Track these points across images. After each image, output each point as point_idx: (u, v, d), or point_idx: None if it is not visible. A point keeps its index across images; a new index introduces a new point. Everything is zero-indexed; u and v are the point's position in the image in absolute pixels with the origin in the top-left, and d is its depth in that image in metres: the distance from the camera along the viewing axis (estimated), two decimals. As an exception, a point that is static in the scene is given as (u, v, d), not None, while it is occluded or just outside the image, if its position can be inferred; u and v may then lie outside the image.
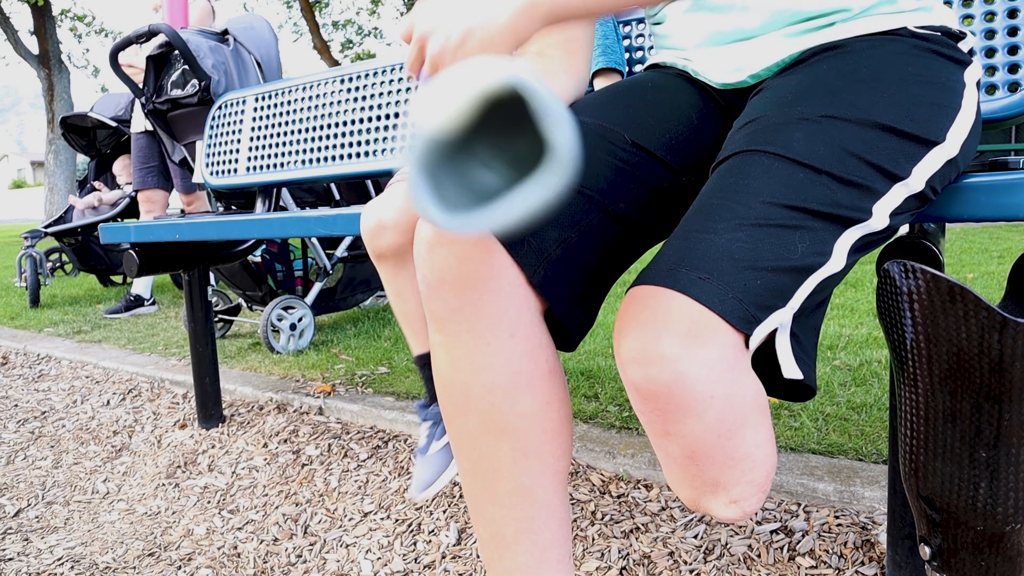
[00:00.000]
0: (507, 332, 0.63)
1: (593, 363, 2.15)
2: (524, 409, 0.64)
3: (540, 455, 0.65)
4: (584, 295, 0.68)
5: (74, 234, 4.12)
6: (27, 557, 1.29)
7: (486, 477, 0.66)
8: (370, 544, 1.26)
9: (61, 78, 10.56)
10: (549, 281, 0.64)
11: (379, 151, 1.86)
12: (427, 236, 0.63)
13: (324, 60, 12.79)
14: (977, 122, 0.69)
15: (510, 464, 0.64)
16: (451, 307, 0.62)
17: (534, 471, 0.65)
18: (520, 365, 0.63)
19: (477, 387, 0.63)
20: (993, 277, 3.35)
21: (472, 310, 0.62)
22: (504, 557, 0.67)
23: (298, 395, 2.05)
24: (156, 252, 1.79)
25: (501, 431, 0.64)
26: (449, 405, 0.66)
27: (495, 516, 0.66)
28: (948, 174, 0.65)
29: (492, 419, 0.64)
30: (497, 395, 0.63)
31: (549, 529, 0.66)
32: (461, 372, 0.64)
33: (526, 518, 0.65)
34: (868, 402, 1.67)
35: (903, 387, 0.67)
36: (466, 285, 0.61)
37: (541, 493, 0.65)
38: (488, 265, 0.61)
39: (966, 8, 1.06)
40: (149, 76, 2.62)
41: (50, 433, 1.96)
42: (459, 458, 0.68)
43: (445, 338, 0.64)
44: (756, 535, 1.19)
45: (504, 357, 0.63)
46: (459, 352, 0.63)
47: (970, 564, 0.67)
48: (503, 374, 0.63)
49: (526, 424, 0.64)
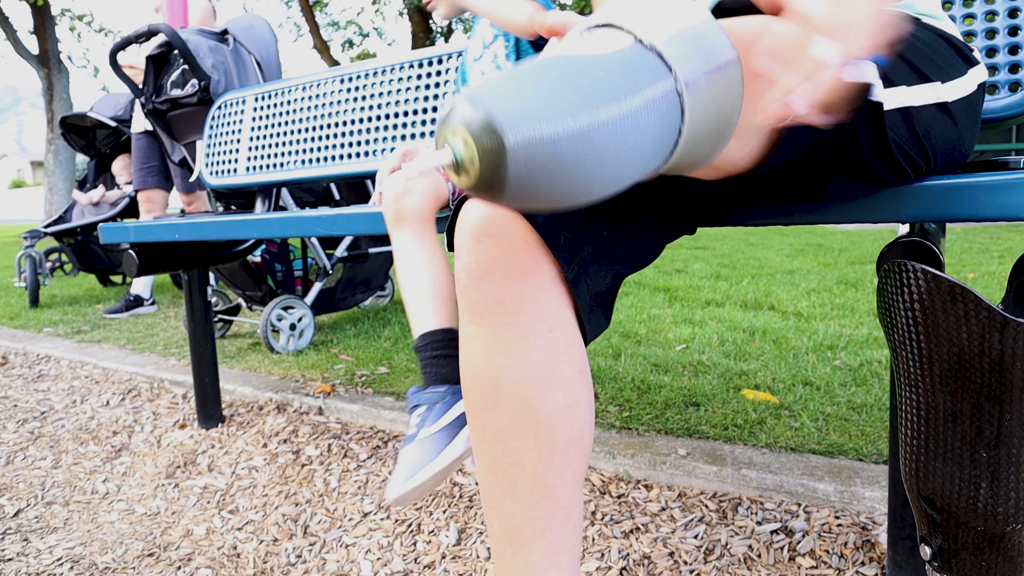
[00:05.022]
0: (546, 327, 0.63)
1: (593, 363, 2.14)
2: (554, 406, 0.64)
3: (565, 453, 0.65)
4: (604, 296, 0.68)
5: (74, 234, 4.12)
6: (26, 557, 1.29)
7: (507, 473, 0.65)
8: (370, 544, 1.26)
9: (61, 78, 10.56)
10: (580, 278, 0.64)
11: (379, 151, 1.86)
12: (473, 225, 0.62)
13: (324, 60, 12.79)
14: (977, 106, 0.71)
15: (535, 461, 0.64)
16: (493, 299, 0.62)
17: (558, 469, 0.65)
18: (555, 362, 0.63)
19: (510, 381, 0.63)
20: (993, 277, 3.35)
21: (514, 303, 0.62)
22: (517, 555, 0.66)
23: (298, 395, 2.05)
24: (156, 252, 1.78)
25: (529, 426, 0.64)
26: (476, 398, 0.66)
27: (513, 513, 0.66)
28: (934, 123, 0.66)
29: (521, 414, 0.64)
30: (530, 390, 0.63)
31: (565, 529, 0.66)
32: (495, 365, 0.64)
33: (544, 516, 0.65)
34: (868, 402, 1.67)
35: (903, 387, 0.67)
36: (510, 277, 0.61)
37: (561, 492, 0.65)
38: (533, 259, 0.62)
39: (967, 8, 1.06)
40: (149, 76, 2.62)
41: (49, 433, 1.96)
42: (479, 453, 0.68)
43: (482, 329, 0.64)
44: (756, 535, 1.19)
45: (542, 352, 0.63)
46: (495, 345, 0.63)
47: (971, 564, 0.67)
48: (539, 369, 0.63)
49: (555, 421, 0.64)
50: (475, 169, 0.42)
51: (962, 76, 0.70)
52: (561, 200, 0.44)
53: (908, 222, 0.73)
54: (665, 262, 4.48)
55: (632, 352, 2.26)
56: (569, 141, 0.42)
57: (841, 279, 3.47)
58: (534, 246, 0.62)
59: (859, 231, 6.10)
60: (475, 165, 0.42)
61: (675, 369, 2.05)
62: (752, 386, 1.85)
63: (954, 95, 0.68)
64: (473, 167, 0.42)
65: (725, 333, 2.47)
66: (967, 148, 0.74)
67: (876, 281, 0.64)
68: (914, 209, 0.69)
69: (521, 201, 0.44)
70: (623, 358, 2.19)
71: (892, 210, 0.70)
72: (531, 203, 0.44)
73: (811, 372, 1.93)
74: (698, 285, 3.50)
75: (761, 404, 1.71)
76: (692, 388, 1.85)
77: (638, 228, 0.69)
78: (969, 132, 0.73)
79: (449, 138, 0.43)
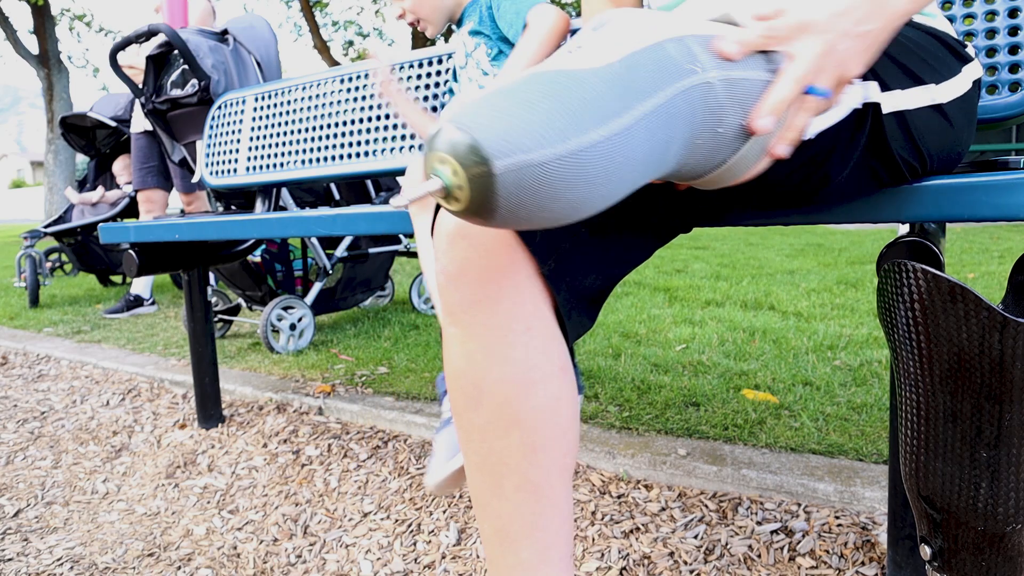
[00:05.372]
0: (523, 326, 0.63)
1: (593, 363, 2.14)
2: (536, 403, 0.64)
3: (549, 450, 0.65)
4: (589, 295, 0.68)
5: (74, 234, 4.12)
6: (26, 557, 1.29)
7: (493, 472, 0.66)
8: (370, 544, 1.26)
9: (60, 78, 10.56)
10: (557, 274, 0.64)
11: (379, 151, 1.86)
12: (448, 228, 0.63)
13: (324, 60, 12.79)
14: (972, 104, 0.71)
15: (519, 459, 0.64)
16: (470, 299, 0.63)
17: (543, 466, 0.65)
18: (535, 360, 0.63)
19: (491, 380, 0.63)
20: (993, 277, 3.35)
21: (490, 303, 0.62)
22: (507, 553, 0.67)
23: (298, 395, 2.05)
24: (156, 252, 1.78)
25: (512, 425, 0.64)
26: (460, 398, 0.66)
27: (500, 512, 0.66)
28: (930, 126, 0.67)
29: (504, 413, 0.64)
30: (511, 389, 0.63)
31: (554, 526, 0.66)
32: (475, 365, 0.64)
33: (532, 514, 0.65)
34: (868, 402, 1.67)
35: (903, 387, 0.67)
36: (486, 278, 0.62)
37: (548, 489, 0.65)
38: (509, 258, 0.62)
39: (967, 8, 1.06)
40: (149, 76, 2.62)
41: (49, 433, 1.96)
42: (467, 453, 0.68)
43: (460, 331, 0.64)
44: (756, 535, 1.19)
45: (520, 351, 0.63)
46: (474, 345, 0.64)
47: (971, 564, 0.67)
48: (518, 368, 0.63)
49: (537, 419, 0.64)
50: (464, 196, 0.42)
51: (956, 75, 0.70)
52: (553, 221, 0.44)
53: (908, 222, 0.73)
54: (665, 262, 4.48)
55: (632, 352, 2.26)
56: (558, 164, 0.41)
57: (841, 279, 3.47)
58: (510, 244, 0.62)
59: (859, 231, 6.10)
60: (464, 192, 0.42)
61: (675, 369, 2.05)
62: (752, 386, 1.85)
63: (949, 95, 0.68)
64: (463, 194, 0.42)
65: (725, 333, 2.47)
66: (963, 147, 0.75)
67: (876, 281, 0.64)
68: (914, 209, 0.69)
69: (512, 224, 0.43)
70: (623, 358, 2.19)
71: (892, 210, 0.70)
72: (523, 225, 0.44)
73: (811, 372, 1.93)
74: (698, 285, 3.50)
75: (761, 404, 1.71)
76: (692, 388, 1.85)
77: (622, 225, 0.69)
78: (965, 131, 0.73)
79: (437, 166, 0.42)
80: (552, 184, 0.41)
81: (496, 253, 0.61)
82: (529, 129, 0.41)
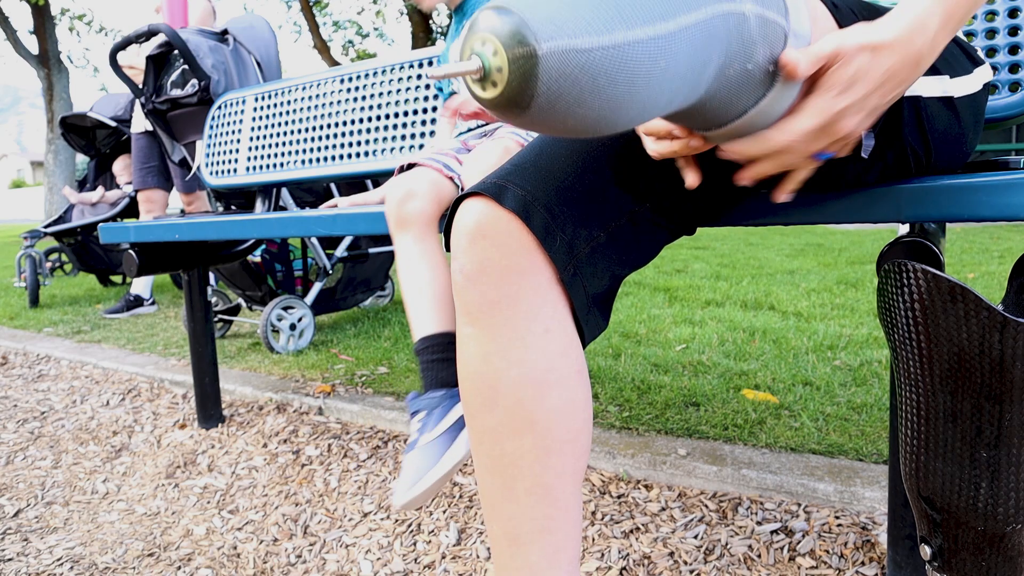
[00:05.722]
0: (542, 328, 0.63)
1: (593, 363, 2.14)
2: (552, 405, 0.64)
3: (562, 453, 0.65)
4: (602, 297, 0.68)
5: (74, 234, 4.12)
6: (26, 557, 1.29)
7: (505, 473, 0.65)
8: (370, 544, 1.26)
9: (61, 78, 10.56)
10: (576, 280, 0.65)
11: (379, 151, 1.86)
12: (469, 227, 0.63)
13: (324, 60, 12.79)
14: (981, 106, 0.72)
15: (532, 461, 0.64)
16: (489, 300, 0.63)
17: (555, 469, 0.65)
18: (552, 362, 0.63)
19: (507, 381, 0.63)
20: (994, 277, 3.35)
21: (510, 303, 0.62)
22: (516, 556, 0.66)
23: (298, 395, 2.05)
24: (156, 252, 1.78)
25: (527, 427, 0.64)
26: (474, 399, 0.66)
27: (511, 514, 0.66)
28: (939, 118, 0.67)
29: (519, 414, 0.64)
30: (527, 390, 0.63)
31: (564, 530, 0.66)
32: (492, 366, 0.64)
33: (543, 517, 0.65)
34: (868, 402, 1.67)
35: (903, 387, 0.67)
36: (506, 278, 0.62)
37: (560, 492, 0.65)
38: (529, 260, 0.62)
39: (966, 8, 1.06)
40: (149, 76, 2.62)
41: (49, 433, 1.96)
42: (478, 455, 0.68)
43: (478, 331, 0.64)
44: (756, 535, 1.19)
45: (538, 353, 0.63)
46: (492, 346, 0.63)
47: (971, 564, 0.67)
48: (536, 369, 0.63)
49: (552, 421, 0.64)
50: (503, 79, 0.40)
51: (968, 74, 0.71)
52: (587, 122, 0.42)
53: (908, 222, 0.73)
54: (665, 262, 4.48)
55: (632, 352, 2.26)
56: (603, 55, 0.40)
57: (841, 279, 3.47)
58: (530, 247, 0.62)
59: (859, 231, 6.10)
60: (504, 75, 0.40)
61: (675, 369, 2.05)
62: (752, 386, 1.85)
63: (961, 91, 0.69)
64: (501, 77, 0.40)
65: (725, 333, 2.47)
66: (969, 147, 0.75)
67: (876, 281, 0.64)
68: (914, 209, 0.69)
69: (546, 120, 0.42)
70: (623, 358, 2.19)
71: (892, 210, 0.70)
72: (556, 123, 0.42)
73: (811, 372, 1.93)
74: (698, 285, 3.50)
75: (761, 404, 1.71)
76: (692, 388, 1.85)
77: (636, 229, 0.69)
78: (972, 132, 0.73)
79: (477, 46, 0.41)
80: (594, 75, 0.40)
81: (517, 254, 0.61)
82: (576, 16, 0.39)
